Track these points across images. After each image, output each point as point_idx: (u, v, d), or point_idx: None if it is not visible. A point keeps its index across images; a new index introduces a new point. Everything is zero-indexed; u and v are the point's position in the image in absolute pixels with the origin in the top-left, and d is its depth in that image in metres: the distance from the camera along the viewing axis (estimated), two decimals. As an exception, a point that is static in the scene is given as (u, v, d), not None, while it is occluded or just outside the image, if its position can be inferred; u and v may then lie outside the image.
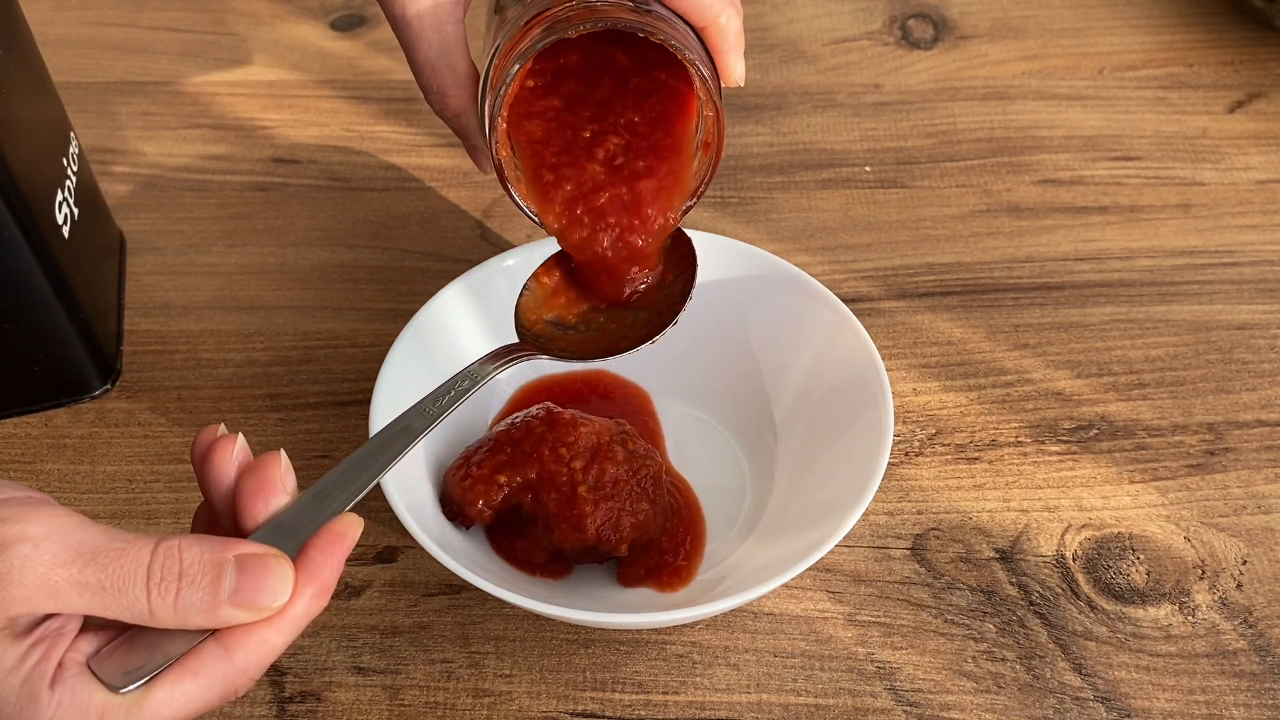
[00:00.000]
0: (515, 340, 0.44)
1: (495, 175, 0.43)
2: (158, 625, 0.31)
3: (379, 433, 0.38)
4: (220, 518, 0.35)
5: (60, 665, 0.31)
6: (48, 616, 0.31)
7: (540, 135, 0.43)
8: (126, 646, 0.32)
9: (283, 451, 0.34)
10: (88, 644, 0.32)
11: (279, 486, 0.34)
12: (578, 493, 0.44)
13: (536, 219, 0.44)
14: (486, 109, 0.41)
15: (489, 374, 0.41)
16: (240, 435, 0.35)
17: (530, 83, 0.43)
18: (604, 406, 0.52)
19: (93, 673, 0.31)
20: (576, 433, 0.46)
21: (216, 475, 0.34)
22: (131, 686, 0.31)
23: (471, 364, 0.42)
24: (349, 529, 0.34)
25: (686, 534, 0.48)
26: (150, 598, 0.31)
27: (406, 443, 0.38)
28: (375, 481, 0.36)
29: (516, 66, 0.39)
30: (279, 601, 0.32)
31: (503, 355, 0.42)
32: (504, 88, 0.40)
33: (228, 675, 0.32)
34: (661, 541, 0.47)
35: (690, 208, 0.44)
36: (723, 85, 0.42)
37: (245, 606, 0.31)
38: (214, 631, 0.32)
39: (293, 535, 0.33)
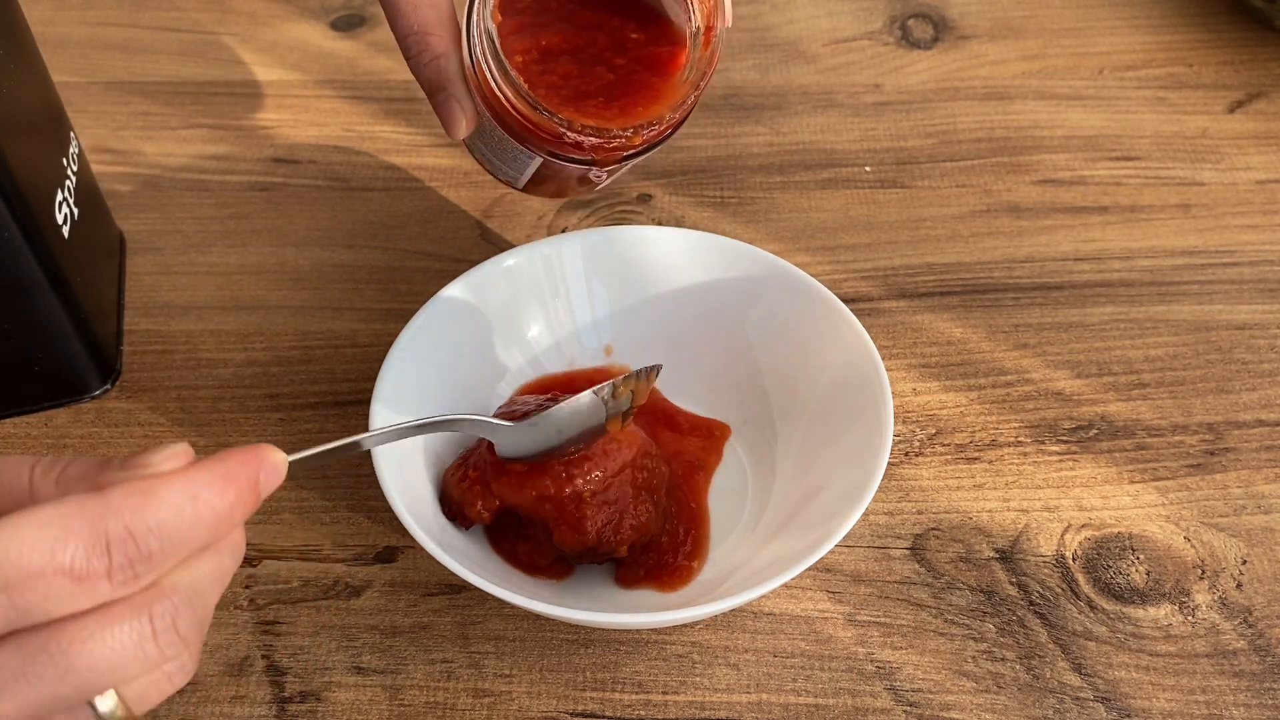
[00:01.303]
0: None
1: (467, 127, 0.43)
2: (36, 504, 0.27)
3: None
4: None
5: None
6: None
7: (521, 67, 0.43)
8: None
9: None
10: None
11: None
12: (578, 497, 0.44)
13: (528, 97, 0.42)
14: None
15: (476, 419, 0.42)
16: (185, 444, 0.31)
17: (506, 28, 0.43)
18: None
19: None
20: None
21: None
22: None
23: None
24: (271, 453, 0.30)
25: (688, 534, 0.48)
26: (33, 472, 0.28)
27: (383, 438, 0.37)
28: (335, 445, 0.35)
29: None
30: (170, 464, 0.29)
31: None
32: None
33: (95, 509, 0.27)
34: (662, 542, 0.47)
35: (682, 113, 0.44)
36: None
37: (131, 466, 0.28)
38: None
39: None
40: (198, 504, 0.28)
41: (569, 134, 0.43)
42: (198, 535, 0.28)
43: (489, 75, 0.42)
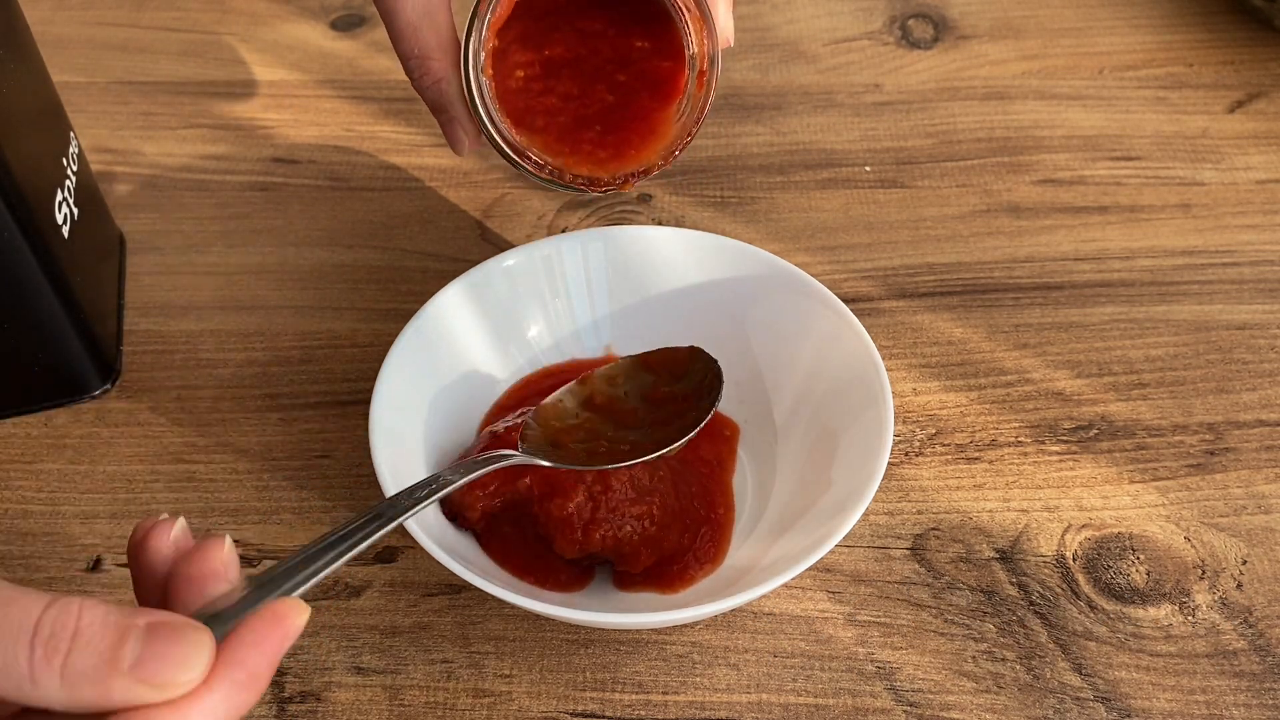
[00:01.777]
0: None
1: (470, 146, 0.43)
2: (39, 701, 0.25)
3: (338, 525, 0.34)
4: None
5: None
6: None
7: (522, 87, 0.43)
8: None
9: (227, 537, 0.29)
10: None
11: (220, 574, 0.28)
12: (577, 501, 0.44)
13: (512, 139, 0.43)
14: (475, 28, 0.41)
15: (472, 474, 0.41)
16: (181, 519, 0.30)
17: (506, 38, 0.43)
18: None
19: None
20: None
21: (150, 562, 0.29)
22: None
23: (455, 464, 0.41)
24: (291, 612, 0.28)
25: (708, 540, 0.47)
26: (33, 658, 0.25)
27: (370, 534, 0.33)
28: (327, 572, 0.31)
29: None
30: (188, 675, 0.26)
31: (490, 461, 0.42)
32: (489, 11, 0.40)
33: None
34: (682, 544, 0.46)
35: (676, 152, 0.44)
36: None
37: (147, 681, 0.25)
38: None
39: (226, 623, 0.28)
40: None
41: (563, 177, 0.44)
42: None
43: (484, 124, 0.43)
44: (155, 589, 0.29)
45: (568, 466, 0.43)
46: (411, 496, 0.38)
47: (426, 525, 0.43)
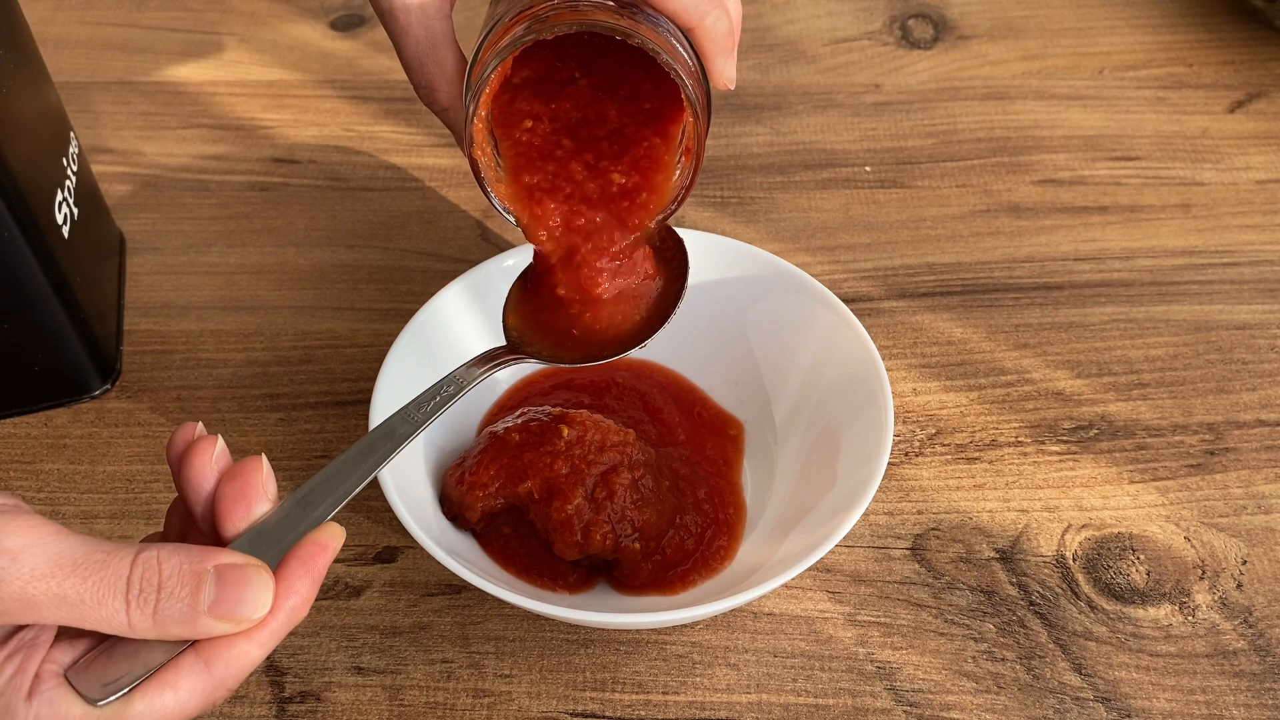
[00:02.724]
0: (504, 343, 0.43)
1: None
2: (136, 637, 0.31)
3: (363, 439, 0.37)
4: (199, 522, 0.34)
5: (37, 676, 0.31)
6: (22, 627, 0.31)
7: (525, 139, 0.43)
8: (104, 658, 0.31)
9: (264, 456, 0.34)
10: (64, 654, 0.31)
11: (260, 493, 0.33)
12: (576, 503, 0.44)
13: (513, 219, 0.43)
14: (466, 106, 0.40)
15: (476, 379, 0.41)
16: (220, 438, 0.34)
17: (517, 79, 0.42)
18: (613, 406, 0.51)
19: (70, 684, 0.31)
20: (580, 440, 0.46)
21: (195, 480, 0.33)
22: (109, 699, 0.31)
23: (458, 368, 0.41)
24: (330, 539, 0.33)
25: (717, 540, 0.47)
26: (129, 609, 0.30)
27: (391, 449, 0.37)
28: (359, 489, 0.35)
29: (495, 64, 0.38)
30: (258, 613, 0.31)
31: (490, 359, 0.42)
32: (481, 86, 0.39)
33: (206, 688, 0.31)
34: (667, 551, 0.46)
35: (670, 214, 0.43)
36: (713, 89, 0.41)
37: (225, 618, 0.31)
38: (193, 642, 0.31)
39: (274, 543, 0.32)
40: (278, 637, 0.32)
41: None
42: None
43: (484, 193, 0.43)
44: (202, 505, 0.33)
45: (566, 363, 0.43)
46: (420, 409, 0.39)
47: (426, 525, 0.43)
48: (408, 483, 0.45)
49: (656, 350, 0.53)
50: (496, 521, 0.46)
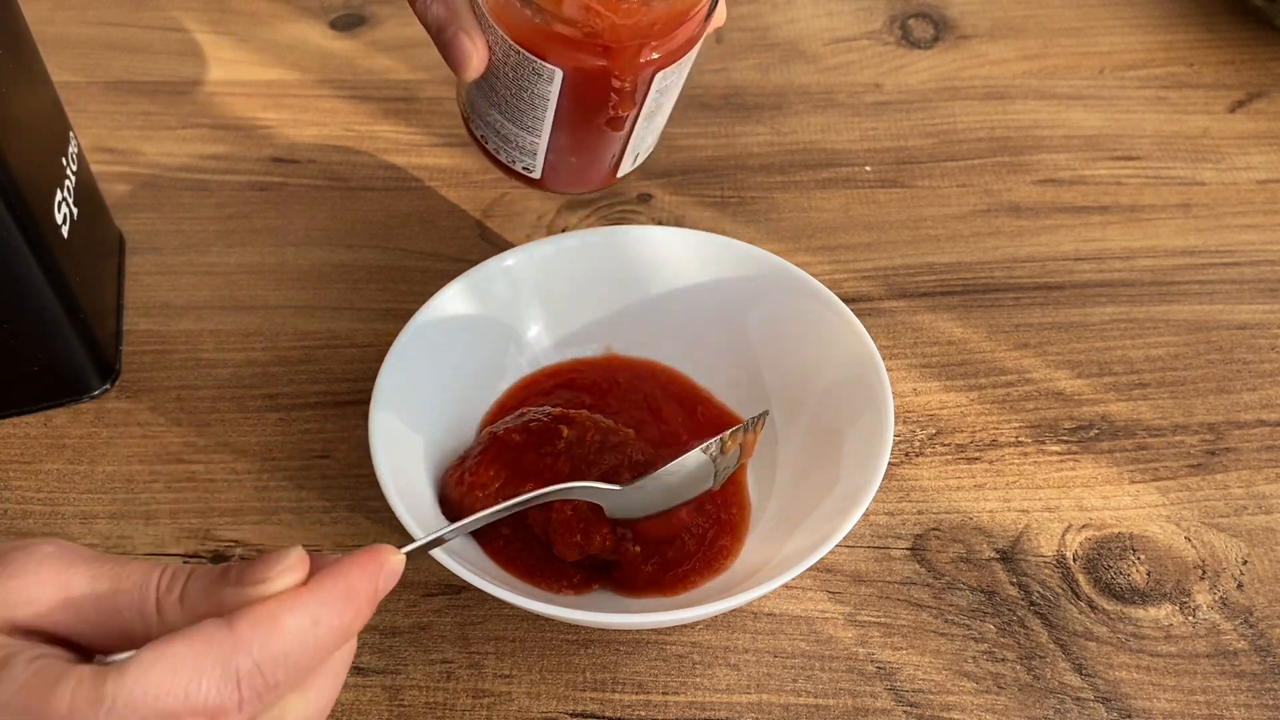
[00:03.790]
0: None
1: (480, 63, 0.41)
2: (164, 626, 0.30)
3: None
4: None
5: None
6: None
7: None
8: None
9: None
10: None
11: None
12: (577, 507, 0.44)
13: None
14: None
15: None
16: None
17: None
18: (614, 406, 0.51)
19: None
20: (580, 440, 0.46)
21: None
22: (116, 657, 0.30)
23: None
24: (389, 554, 0.32)
25: (717, 541, 0.47)
26: (158, 591, 0.30)
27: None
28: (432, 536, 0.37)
29: None
30: (288, 577, 0.30)
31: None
32: None
33: (225, 646, 0.28)
34: (667, 553, 0.46)
35: None
36: None
37: (252, 582, 0.30)
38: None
39: None
40: (319, 629, 0.30)
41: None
42: (320, 656, 0.30)
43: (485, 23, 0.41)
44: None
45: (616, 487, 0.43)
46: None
47: (426, 525, 0.43)
48: (408, 483, 0.45)
49: (657, 350, 0.53)
50: (497, 522, 0.46)
